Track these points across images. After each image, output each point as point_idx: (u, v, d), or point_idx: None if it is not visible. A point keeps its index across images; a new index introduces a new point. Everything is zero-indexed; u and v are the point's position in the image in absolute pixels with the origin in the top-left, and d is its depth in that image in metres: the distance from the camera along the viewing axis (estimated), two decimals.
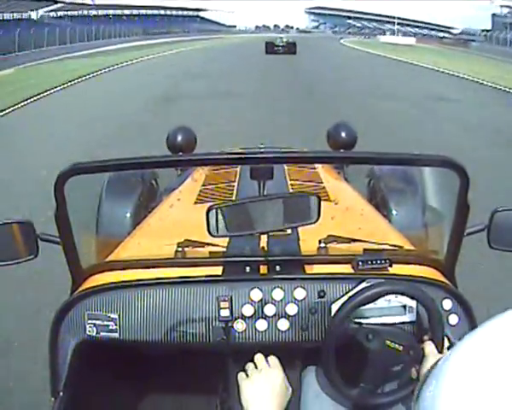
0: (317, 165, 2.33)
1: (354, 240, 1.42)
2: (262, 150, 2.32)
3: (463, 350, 0.57)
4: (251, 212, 1.24)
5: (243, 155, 1.21)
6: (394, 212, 2.44)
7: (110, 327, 1.29)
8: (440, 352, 1.13)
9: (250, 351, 1.33)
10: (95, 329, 1.29)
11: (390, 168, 2.68)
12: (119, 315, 1.29)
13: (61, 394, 1.25)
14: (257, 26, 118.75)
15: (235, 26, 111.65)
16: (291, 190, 1.96)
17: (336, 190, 2.09)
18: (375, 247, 1.42)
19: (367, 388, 1.16)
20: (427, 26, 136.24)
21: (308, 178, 2.17)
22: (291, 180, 2.08)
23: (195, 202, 1.94)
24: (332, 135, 3.18)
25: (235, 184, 2.03)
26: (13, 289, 3.11)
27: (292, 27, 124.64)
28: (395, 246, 1.50)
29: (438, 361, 0.62)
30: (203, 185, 2.12)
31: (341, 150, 3.01)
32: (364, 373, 1.16)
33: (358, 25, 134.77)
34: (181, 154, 2.95)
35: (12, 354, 2.58)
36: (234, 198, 1.87)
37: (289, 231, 1.47)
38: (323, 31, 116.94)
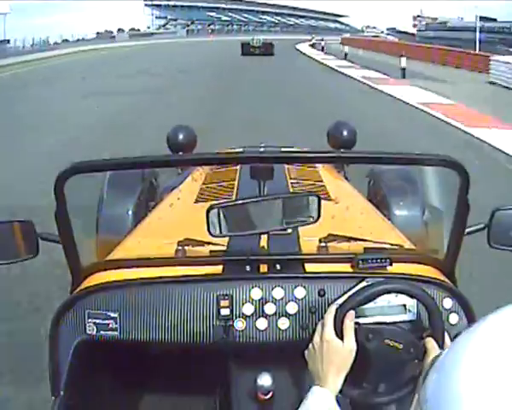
0: (317, 164, 2.33)
1: (354, 239, 1.42)
2: (262, 150, 2.32)
3: (465, 341, 0.57)
4: (251, 211, 1.25)
5: (243, 155, 1.22)
6: (394, 211, 2.44)
7: (110, 326, 1.29)
8: (441, 349, 1.13)
9: (250, 350, 1.33)
10: (95, 328, 1.29)
11: (390, 167, 2.68)
12: (120, 314, 1.29)
13: (62, 393, 1.25)
14: (98, 33, 72.80)
15: (7, 42, 45.16)
16: (291, 190, 1.96)
17: (336, 190, 2.09)
18: (376, 246, 1.42)
19: (369, 387, 1.16)
20: (322, 17, 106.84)
21: (308, 177, 2.17)
22: (291, 179, 2.08)
23: (196, 201, 1.94)
24: (332, 134, 3.18)
25: (236, 183, 2.02)
26: None
27: (123, 30, 76.21)
28: (395, 245, 1.50)
29: (440, 354, 0.62)
30: (203, 185, 2.12)
31: (341, 150, 3.01)
32: (366, 373, 1.16)
33: (225, 18, 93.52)
34: (181, 153, 2.95)
35: None
36: (234, 198, 1.87)
37: (290, 231, 1.47)
38: (174, 31, 75.81)
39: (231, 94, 12.49)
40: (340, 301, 1.18)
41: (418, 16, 71.05)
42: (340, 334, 1.12)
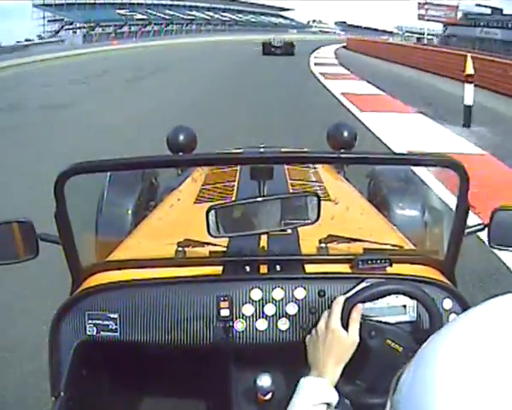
0: (317, 165, 2.33)
1: (354, 240, 1.42)
2: (262, 150, 2.33)
3: (439, 339, 0.55)
4: (251, 212, 1.25)
5: (243, 156, 1.22)
6: (394, 211, 2.44)
7: (110, 327, 1.29)
8: None
9: (250, 351, 1.33)
10: (95, 329, 1.29)
11: (390, 168, 2.68)
12: (120, 315, 1.29)
13: (62, 394, 1.25)
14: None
15: None
16: (291, 190, 1.96)
17: (336, 190, 2.09)
18: (376, 246, 1.42)
19: (362, 385, 1.16)
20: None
21: (308, 177, 2.17)
22: (291, 180, 2.08)
23: (195, 202, 1.94)
24: (332, 134, 3.18)
25: (235, 184, 2.03)
26: None
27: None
28: (395, 246, 1.50)
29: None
30: (203, 185, 2.12)
31: (341, 150, 3.01)
32: (361, 370, 1.16)
33: (141, 17, 66.52)
34: (181, 154, 2.95)
35: None
36: (234, 198, 1.87)
37: (289, 231, 1.47)
38: (61, 38, 50.87)
39: None
40: (350, 293, 1.19)
41: (425, 3, 46.84)
42: (345, 325, 1.12)
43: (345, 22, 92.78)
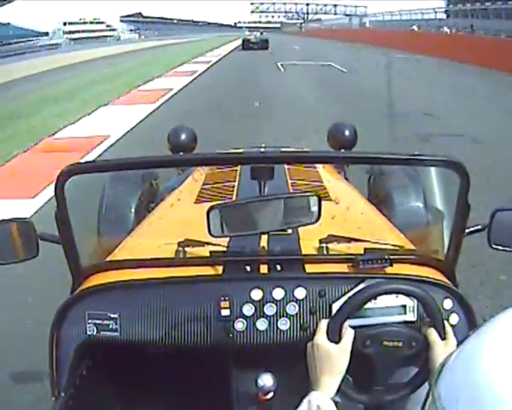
0: (317, 165, 2.32)
1: (355, 240, 1.42)
2: (263, 151, 2.33)
3: (480, 337, 0.56)
4: (251, 212, 1.25)
5: (244, 156, 1.22)
6: (395, 210, 2.43)
7: (110, 327, 1.29)
8: (444, 339, 1.14)
9: (250, 350, 1.33)
10: (95, 328, 1.29)
11: (391, 166, 2.67)
12: (120, 315, 1.29)
13: (62, 394, 1.26)
14: None
15: None
16: (291, 190, 1.95)
17: (337, 190, 2.08)
18: (376, 246, 1.42)
19: (380, 389, 1.17)
20: None
21: (308, 177, 2.17)
22: (291, 180, 2.08)
23: (196, 202, 1.94)
24: (332, 134, 3.18)
25: (236, 184, 2.02)
26: None
27: None
28: (396, 246, 1.50)
29: (451, 354, 0.61)
30: (203, 185, 2.12)
31: (342, 150, 3.00)
32: (373, 377, 1.17)
33: None
34: (181, 154, 2.95)
35: None
36: (234, 198, 1.87)
37: (290, 231, 1.48)
38: None
39: None
40: (336, 307, 1.19)
41: None
42: (335, 339, 1.12)
43: (139, 14, 62.86)
